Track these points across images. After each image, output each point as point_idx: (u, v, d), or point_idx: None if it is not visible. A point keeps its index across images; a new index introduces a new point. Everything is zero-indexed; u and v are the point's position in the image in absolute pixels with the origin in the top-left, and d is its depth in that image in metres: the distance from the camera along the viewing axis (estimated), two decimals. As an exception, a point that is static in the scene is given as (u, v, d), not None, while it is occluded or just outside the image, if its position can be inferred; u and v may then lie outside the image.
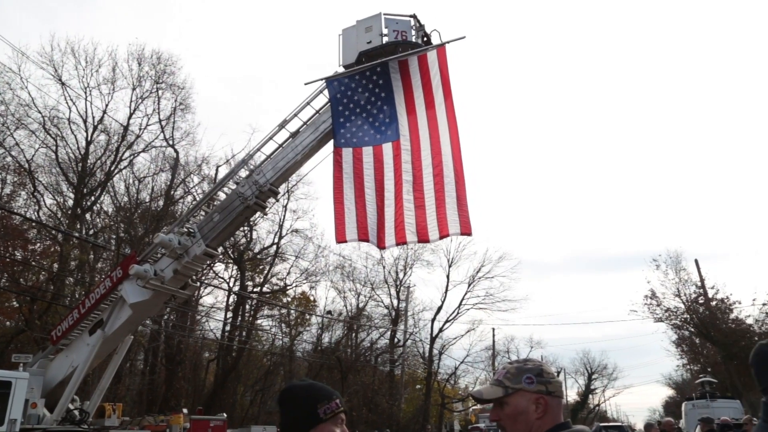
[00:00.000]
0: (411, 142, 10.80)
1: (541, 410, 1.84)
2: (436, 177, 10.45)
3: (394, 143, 10.87)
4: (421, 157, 10.65)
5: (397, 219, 10.34)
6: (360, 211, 10.65)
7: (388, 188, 10.64)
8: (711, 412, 17.68)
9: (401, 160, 10.70)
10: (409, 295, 38.74)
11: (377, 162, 10.87)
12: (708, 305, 28.96)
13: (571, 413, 76.23)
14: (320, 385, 2.17)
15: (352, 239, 10.84)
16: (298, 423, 2.03)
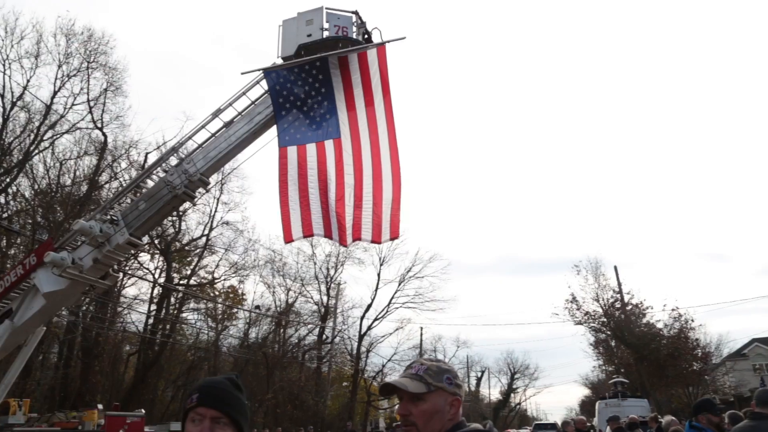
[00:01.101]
0: (351, 140, 10.80)
1: (453, 411, 1.85)
2: (375, 177, 10.53)
3: (335, 141, 10.83)
4: (361, 157, 10.68)
5: (339, 218, 10.37)
6: (304, 209, 10.60)
7: (330, 188, 10.64)
8: (621, 410, 18.64)
9: (343, 158, 10.71)
10: (340, 292, 38.73)
11: (320, 160, 10.82)
12: (624, 310, 30.50)
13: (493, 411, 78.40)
14: (206, 379, 2.05)
15: (298, 237, 10.78)
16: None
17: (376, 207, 10.35)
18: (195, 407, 1.88)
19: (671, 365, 29.84)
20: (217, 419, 1.85)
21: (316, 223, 10.45)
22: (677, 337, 30.82)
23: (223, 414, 1.86)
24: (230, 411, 1.88)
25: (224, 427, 1.86)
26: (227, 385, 1.95)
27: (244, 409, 1.95)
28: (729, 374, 43.22)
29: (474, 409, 73.50)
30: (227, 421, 1.87)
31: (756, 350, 48.24)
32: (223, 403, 1.88)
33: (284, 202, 10.61)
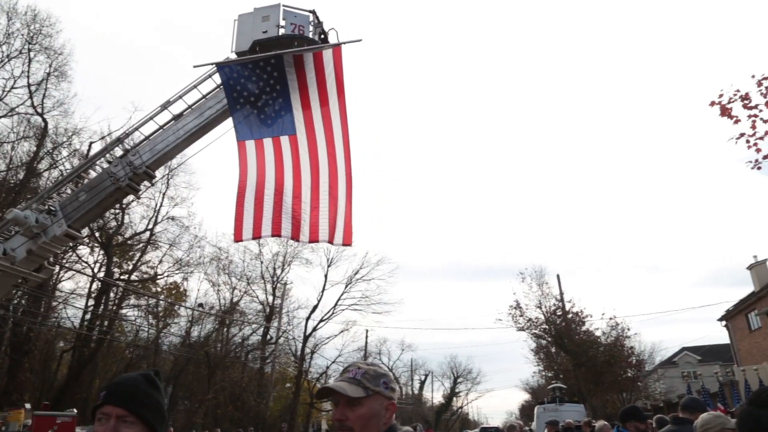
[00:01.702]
0: (307, 138, 10.76)
1: (389, 416, 1.85)
2: (331, 178, 10.54)
3: (291, 137, 10.78)
4: (317, 156, 10.66)
5: (294, 214, 10.36)
6: (258, 209, 10.56)
7: (287, 184, 10.61)
8: (558, 415, 19.13)
9: (299, 155, 10.69)
10: (286, 293, 38.36)
11: (277, 155, 10.77)
12: (565, 317, 31.38)
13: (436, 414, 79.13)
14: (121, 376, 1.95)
15: (248, 238, 10.71)
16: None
17: (332, 207, 10.38)
18: (101, 405, 1.80)
19: (607, 372, 30.87)
20: (123, 418, 1.75)
21: (266, 225, 10.43)
22: (614, 344, 31.93)
23: (129, 412, 1.76)
24: (138, 409, 1.78)
25: (131, 426, 1.75)
26: (139, 381, 1.85)
27: (156, 407, 1.84)
28: (660, 381, 45.12)
29: (417, 412, 74.01)
30: (134, 420, 1.76)
31: (685, 358, 50.54)
32: (131, 401, 1.78)
33: (240, 201, 10.55)
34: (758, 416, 1.21)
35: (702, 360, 48.51)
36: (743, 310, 33.28)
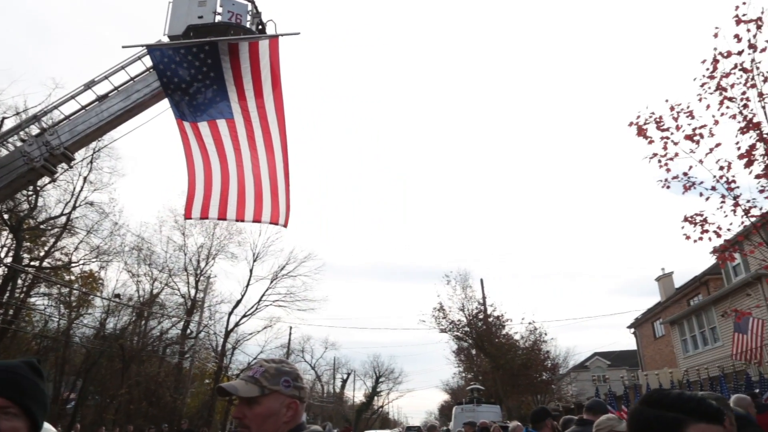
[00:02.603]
0: (245, 124, 10.60)
1: (290, 414, 1.85)
2: (269, 164, 10.44)
3: (228, 121, 10.59)
4: (255, 143, 10.52)
5: (239, 196, 10.27)
6: (207, 189, 10.41)
7: (231, 165, 10.47)
8: (476, 415, 19.67)
9: (238, 139, 10.54)
10: (209, 286, 37.36)
11: (216, 137, 10.57)
12: (486, 321, 32.24)
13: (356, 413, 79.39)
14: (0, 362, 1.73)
15: (196, 217, 10.53)
16: None
17: (273, 190, 10.35)
18: None
19: (524, 374, 31.98)
20: (4, 409, 1.58)
21: (213, 207, 10.40)
22: (531, 348, 33.12)
23: (11, 402, 1.60)
24: (21, 399, 1.62)
25: (12, 419, 1.58)
26: (22, 369, 1.68)
27: (40, 397, 1.69)
28: (572, 384, 47.15)
29: (337, 410, 74.04)
30: (17, 412, 1.60)
31: (596, 363, 53.06)
32: (12, 389, 1.62)
33: (192, 178, 10.41)
34: (647, 415, 1.29)
35: (611, 365, 51.08)
36: (650, 319, 35.36)
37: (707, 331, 24.99)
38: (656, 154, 8.33)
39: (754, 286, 19.85)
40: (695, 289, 29.88)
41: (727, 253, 8.40)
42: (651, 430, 1.27)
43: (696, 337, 25.94)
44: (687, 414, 1.25)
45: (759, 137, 7.57)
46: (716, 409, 1.28)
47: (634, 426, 1.33)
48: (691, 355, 26.09)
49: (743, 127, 7.75)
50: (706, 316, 24.99)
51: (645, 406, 1.32)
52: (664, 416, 1.26)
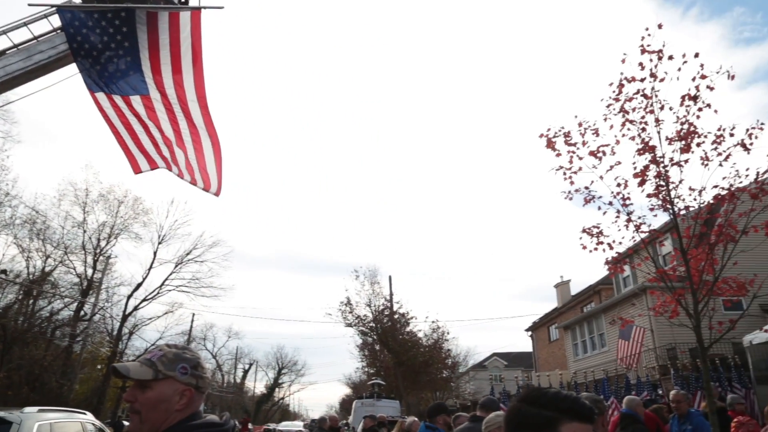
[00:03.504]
0: (162, 99, 10.04)
1: (184, 402, 1.79)
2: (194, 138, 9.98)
3: (143, 97, 9.99)
4: (177, 119, 10.00)
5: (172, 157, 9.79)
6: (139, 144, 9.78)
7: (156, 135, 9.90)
8: (375, 410, 19.87)
9: (157, 116, 9.97)
10: (108, 267, 35.42)
11: (134, 113, 9.93)
12: (392, 317, 32.70)
13: (256, 404, 78.24)
14: None
15: (146, 170, 9.86)
16: None
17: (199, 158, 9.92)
18: None
19: (425, 371, 32.71)
20: None
21: (157, 159, 9.80)
22: (434, 346, 33.96)
23: None
24: None
25: None
26: None
27: None
28: (470, 382, 48.85)
29: (237, 401, 72.62)
30: None
31: (494, 363, 55.26)
32: None
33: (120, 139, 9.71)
34: (524, 412, 1.34)
35: (508, 365, 53.37)
36: (546, 323, 37.24)
37: (596, 336, 26.64)
38: (562, 167, 8.77)
39: (639, 297, 21.38)
40: (589, 297, 31.79)
41: (618, 265, 9.00)
42: (527, 427, 1.31)
43: (586, 342, 27.58)
44: (561, 413, 1.30)
45: (653, 159, 8.16)
46: (589, 408, 1.34)
47: (512, 422, 1.36)
48: (581, 359, 27.73)
49: (640, 148, 8.31)
50: (596, 322, 26.63)
51: (523, 403, 1.36)
52: (540, 414, 1.31)
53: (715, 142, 8.03)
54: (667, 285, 8.15)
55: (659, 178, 8.17)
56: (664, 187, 8.14)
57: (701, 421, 7.67)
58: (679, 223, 8.17)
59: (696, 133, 8.09)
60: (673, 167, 8.14)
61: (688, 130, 8.07)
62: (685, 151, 8.11)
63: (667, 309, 8.28)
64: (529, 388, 1.53)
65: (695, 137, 8.08)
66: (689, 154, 8.10)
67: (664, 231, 10.09)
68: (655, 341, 20.78)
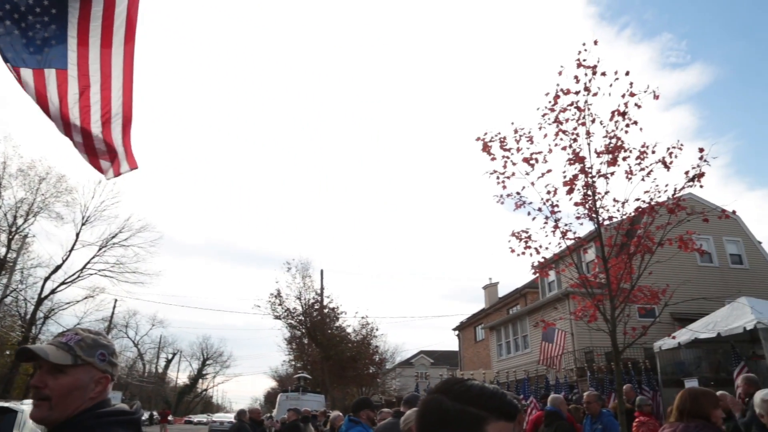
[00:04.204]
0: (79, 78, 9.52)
1: (99, 389, 1.73)
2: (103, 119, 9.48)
3: (58, 71, 9.42)
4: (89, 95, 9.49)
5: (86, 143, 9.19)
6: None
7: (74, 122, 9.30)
8: (300, 403, 19.79)
9: (68, 91, 9.39)
10: (24, 246, 33.48)
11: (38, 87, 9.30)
12: (321, 311, 32.60)
13: (178, 395, 76.15)
14: None
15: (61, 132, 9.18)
16: None
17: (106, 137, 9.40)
18: None
19: (352, 367, 32.84)
20: None
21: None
22: (362, 342, 34.12)
23: None
24: None
25: None
26: None
27: None
28: (396, 379, 49.35)
29: (157, 391, 70.42)
30: None
31: (421, 360, 56.05)
32: None
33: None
34: (447, 407, 1.23)
35: (435, 363, 54.25)
36: (473, 324, 38.13)
37: (520, 338, 27.52)
38: (496, 171, 8.99)
39: (562, 301, 22.25)
40: (515, 300, 32.79)
41: (544, 269, 9.32)
42: (449, 424, 1.21)
43: (510, 343, 28.44)
44: (489, 411, 1.20)
45: (581, 170, 8.50)
46: (515, 406, 1.25)
47: (431, 415, 1.24)
48: (504, 359, 28.58)
49: (571, 158, 8.63)
50: (521, 324, 27.50)
51: (445, 397, 1.24)
52: (466, 411, 1.20)
53: (639, 158, 8.44)
54: (588, 291, 8.52)
55: (587, 188, 8.52)
56: (591, 197, 8.50)
57: (611, 420, 8.08)
58: (602, 233, 8.55)
59: (622, 147, 8.47)
60: (600, 179, 8.50)
61: (616, 145, 8.45)
62: (611, 164, 8.48)
63: (586, 314, 8.64)
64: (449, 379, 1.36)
65: (622, 151, 8.47)
66: (615, 167, 8.48)
67: (588, 239, 10.53)
68: (575, 344, 21.69)
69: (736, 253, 25.47)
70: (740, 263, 25.33)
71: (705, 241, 24.20)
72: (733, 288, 20.83)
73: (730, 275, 24.25)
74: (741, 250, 25.57)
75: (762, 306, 15.04)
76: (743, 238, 25.82)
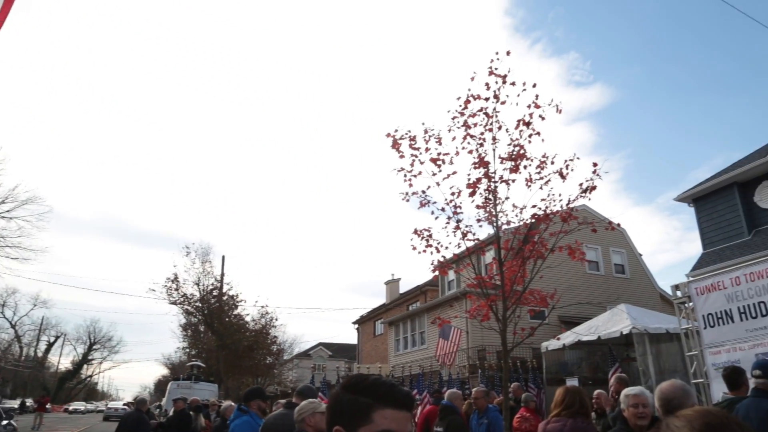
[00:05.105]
0: None
1: None
2: None
3: None
4: None
5: None
6: None
7: None
8: (192, 392, 19.17)
9: None
10: None
11: None
12: (220, 298, 31.69)
13: (59, 382, 71.42)
14: None
15: None
16: None
17: None
18: None
19: (248, 356, 32.21)
20: None
21: None
22: (260, 331, 33.54)
23: None
24: None
25: None
26: None
27: None
28: (293, 370, 49.03)
29: (35, 377, 65.67)
30: None
31: (319, 352, 56.03)
32: None
33: None
34: (342, 398, 1.36)
35: (333, 355, 54.39)
36: (373, 318, 38.56)
37: (417, 334, 28.15)
38: (403, 169, 9.12)
39: (460, 300, 22.98)
40: (415, 297, 33.48)
41: (443, 268, 9.56)
42: (344, 413, 1.33)
43: (408, 339, 29.03)
44: (376, 399, 1.31)
45: (485, 174, 8.80)
46: (405, 394, 1.35)
47: (331, 408, 1.39)
48: (401, 354, 29.12)
49: (476, 162, 8.91)
50: (419, 321, 28.13)
51: (342, 390, 1.38)
52: (356, 401, 1.32)
53: (539, 167, 8.86)
54: (483, 291, 8.85)
55: (489, 192, 8.82)
56: (492, 201, 8.81)
57: (496, 415, 8.45)
58: (500, 236, 8.89)
59: (525, 156, 8.84)
60: (502, 184, 8.83)
61: (519, 153, 8.81)
62: (513, 171, 8.84)
63: (480, 313, 8.97)
64: (353, 374, 1.53)
65: (524, 160, 8.84)
66: (517, 174, 8.84)
67: (487, 242, 10.93)
68: (469, 342, 22.49)
69: (620, 263, 27.46)
70: (623, 273, 27.34)
71: (594, 251, 25.92)
72: (614, 295, 22.40)
73: (613, 283, 26.10)
74: (624, 260, 27.59)
75: (637, 313, 16.30)
76: (627, 249, 27.87)
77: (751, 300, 8.98)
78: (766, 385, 4.67)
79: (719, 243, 17.40)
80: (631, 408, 3.75)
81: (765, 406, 4.32)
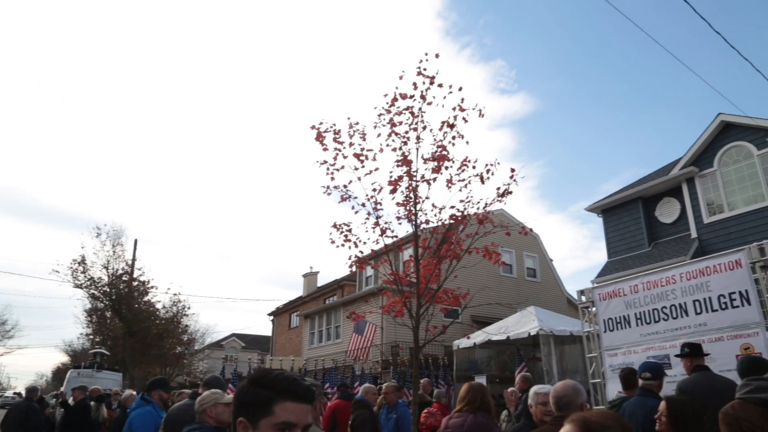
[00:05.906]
0: None
1: None
2: None
3: None
4: None
5: None
6: None
7: None
8: (94, 381, 18.40)
9: None
10: None
11: None
12: (130, 284, 30.33)
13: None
14: None
15: None
16: None
17: None
18: None
19: (157, 345, 31.09)
20: None
21: None
22: (171, 320, 32.44)
23: None
24: None
25: None
26: None
27: None
28: (204, 360, 47.80)
29: None
30: None
31: (232, 343, 54.99)
32: None
33: None
34: (246, 392, 1.41)
35: (246, 347, 53.50)
36: (289, 310, 38.21)
37: (332, 328, 28.18)
38: (326, 162, 9.08)
39: (376, 296, 23.19)
40: (332, 291, 33.49)
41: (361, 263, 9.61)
42: (248, 405, 1.38)
43: (323, 332, 28.99)
44: (278, 393, 1.37)
45: (407, 173, 8.90)
46: (305, 388, 1.42)
47: (236, 400, 1.43)
48: (315, 347, 29.05)
49: (399, 160, 8.99)
50: (335, 315, 28.16)
51: (248, 383, 1.43)
52: (260, 393, 1.38)
53: (460, 169, 9.06)
54: (398, 288, 8.96)
55: (410, 190, 8.94)
56: (412, 199, 8.93)
57: (405, 410, 8.61)
58: (418, 235, 9.04)
59: (447, 157, 9.01)
60: (423, 183, 8.97)
61: (441, 154, 8.96)
62: (435, 172, 8.98)
63: (394, 309, 9.08)
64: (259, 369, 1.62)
65: (446, 161, 9.01)
66: (438, 174, 9.00)
67: (406, 240, 11.08)
68: (383, 338, 22.75)
69: (532, 267, 28.65)
70: (534, 276, 28.54)
71: (508, 254, 26.88)
72: (525, 297, 23.33)
73: (524, 286, 27.19)
74: (536, 265, 28.81)
75: (544, 315, 17.05)
76: (539, 254, 29.11)
77: (647, 307, 9.63)
78: (653, 386, 5.11)
79: (623, 252, 18.51)
80: (540, 405, 3.95)
81: (650, 403, 4.67)
